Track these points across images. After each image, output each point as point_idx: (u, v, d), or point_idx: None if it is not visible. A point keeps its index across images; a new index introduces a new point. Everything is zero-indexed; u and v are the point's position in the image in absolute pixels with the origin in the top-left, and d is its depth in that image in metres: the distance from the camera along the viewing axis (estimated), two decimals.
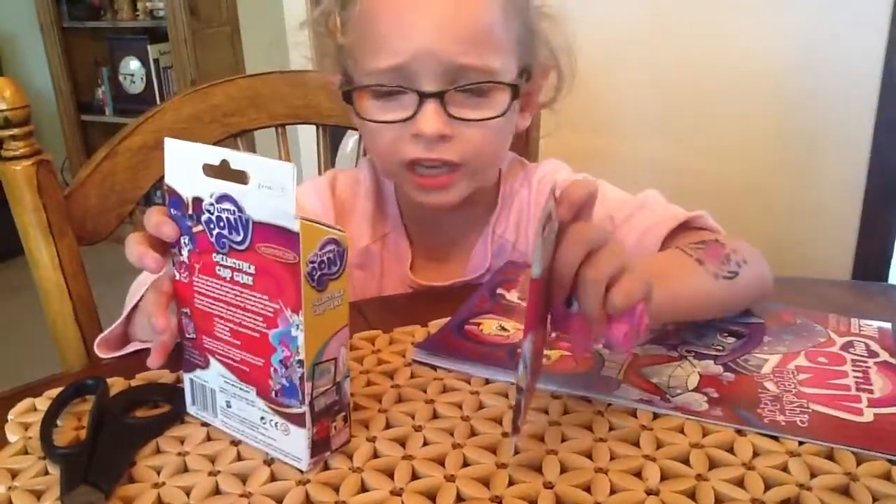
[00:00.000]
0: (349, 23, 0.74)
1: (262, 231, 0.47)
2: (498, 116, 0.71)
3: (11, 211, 0.81)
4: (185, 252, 0.52)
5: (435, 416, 0.56)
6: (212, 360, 0.53)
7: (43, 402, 0.59)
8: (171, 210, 0.52)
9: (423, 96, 0.69)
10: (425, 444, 0.53)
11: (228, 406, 0.54)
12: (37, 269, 0.82)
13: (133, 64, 3.12)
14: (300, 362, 0.48)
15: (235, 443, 0.54)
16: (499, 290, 0.74)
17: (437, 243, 0.84)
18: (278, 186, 0.45)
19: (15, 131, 0.79)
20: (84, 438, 0.54)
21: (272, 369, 0.49)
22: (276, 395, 0.50)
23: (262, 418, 0.51)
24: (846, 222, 1.76)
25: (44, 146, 0.82)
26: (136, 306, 0.67)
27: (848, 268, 1.78)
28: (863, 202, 1.75)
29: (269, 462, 0.52)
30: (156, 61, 3.06)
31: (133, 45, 3.10)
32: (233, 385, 0.53)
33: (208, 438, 0.55)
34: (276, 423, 0.51)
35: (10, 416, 0.58)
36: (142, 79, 3.12)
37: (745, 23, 1.72)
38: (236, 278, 0.49)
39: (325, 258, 0.47)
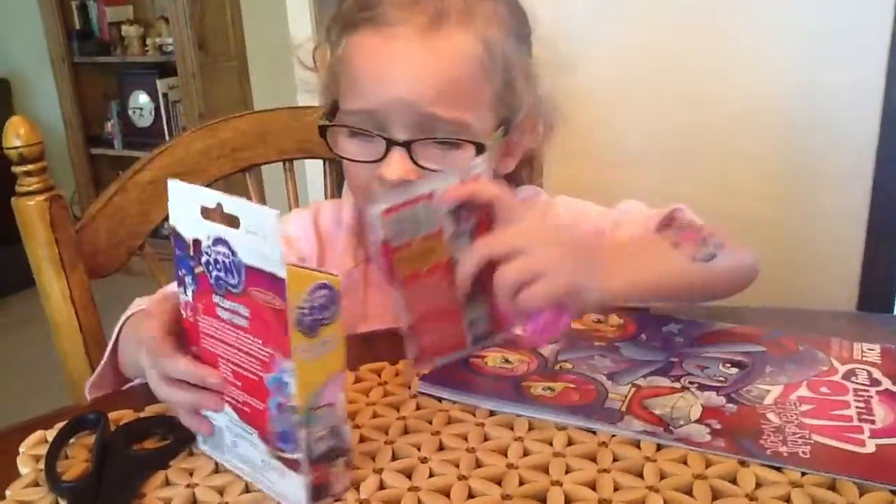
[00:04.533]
0: (335, 60, 0.77)
1: (253, 275, 0.47)
2: None
3: (24, 245, 0.83)
4: (189, 292, 0.53)
5: (441, 447, 0.57)
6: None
7: (54, 435, 0.60)
8: (176, 250, 0.52)
9: (390, 143, 0.71)
10: (431, 475, 0.53)
11: (235, 445, 0.54)
12: (48, 302, 0.84)
13: (142, 98, 3.16)
14: (293, 409, 0.47)
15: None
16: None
17: None
18: (263, 232, 0.45)
19: (29, 167, 0.80)
20: (89, 471, 0.54)
21: (270, 413, 0.49)
22: (273, 439, 0.50)
23: (263, 461, 0.51)
24: (850, 253, 1.76)
25: (53, 179, 0.83)
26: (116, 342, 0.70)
27: (853, 299, 1.78)
28: (866, 233, 1.75)
29: None
30: (164, 95, 3.10)
31: (142, 80, 3.14)
32: (237, 426, 0.53)
33: (217, 470, 0.55)
34: (275, 466, 0.50)
35: (21, 449, 0.59)
36: (150, 112, 3.16)
37: (747, 56, 1.74)
38: (234, 321, 0.49)
39: (315, 303, 0.47)
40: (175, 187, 0.51)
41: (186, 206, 0.50)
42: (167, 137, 3.03)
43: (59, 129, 3.22)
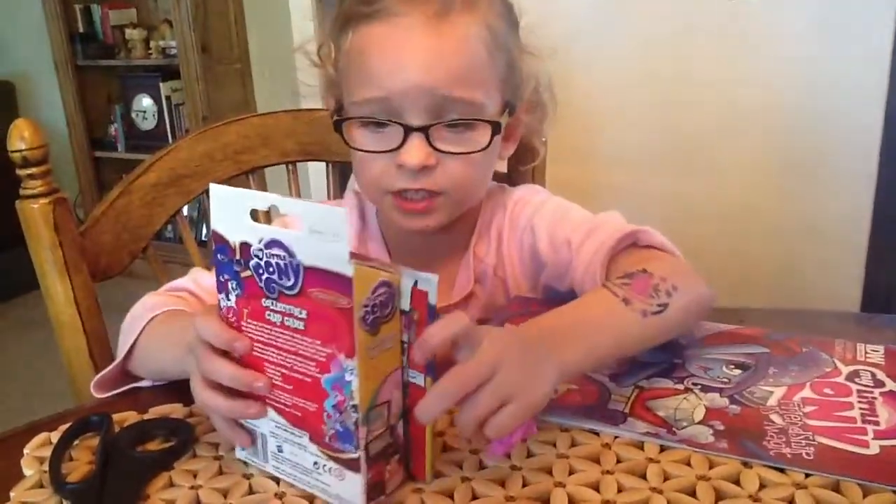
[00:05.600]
0: (340, 55, 0.77)
1: (313, 276, 0.46)
2: (480, 151, 0.74)
3: (28, 248, 0.83)
4: (232, 297, 0.51)
5: (445, 449, 0.57)
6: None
7: (58, 437, 0.60)
8: (218, 255, 0.51)
9: (408, 130, 0.72)
10: (435, 476, 0.53)
11: (280, 451, 0.53)
12: (52, 304, 0.84)
13: (145, 101, 3.17)
14: (355, 407, 0.47)
15: (247, 476, 0.55)
16: (507, 325, 0.75)
17: (420, 265, 0.85)
18: (331, 232, 0.45)
19: (33, 170, 0.81)
20: (93, 473, 0.54)
21: (325, 414, 0.49)
22: (329, 440, 0.49)
23: (316, 463, 0.51)
24: (854, 251, 1.76)
25: (57, 182, 0.84)
26: (133, 345, 0.69)
27: (857, 298, 1.78)
28: (870, 230, 1.75)
29: (280, 496, 0.53)
30: (168, 98, 3.11)
31: (145, 83, 3.15)
32: (284, 430, 0.52)
33: (220, 472, 0.56)
34: (331, 468, 0.50)
35: (25, 451, 0.59)
36: (154, 115, 3.17)
37: (749, 57, 1.74)
38: (287, 323, 0.49)
39: (377, 301, 0.46)
40: (218, 191, 0.50)
41: (232, 210, 0.49)
42: (170, 140, 3.04)
43: (62, 132, 3.23)
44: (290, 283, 0.48)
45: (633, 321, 0.62)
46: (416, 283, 0.48)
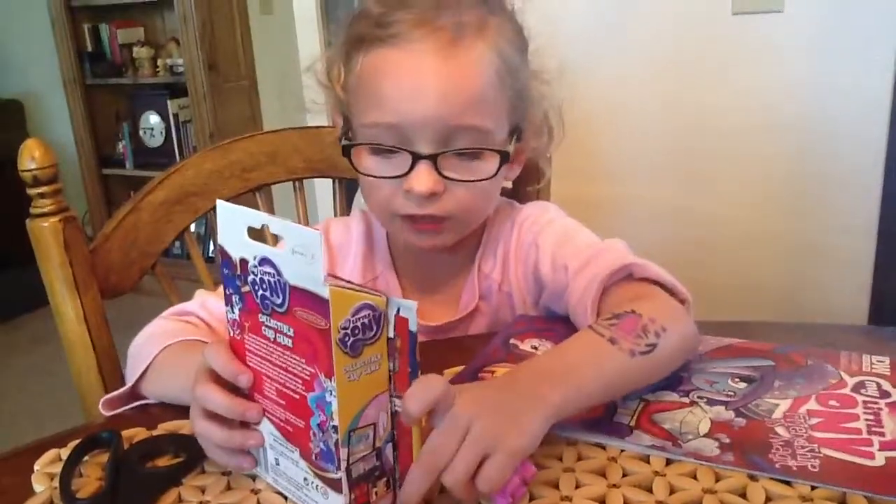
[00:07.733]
0: (350, 76, 0.77)
1: (297, 296, 0.47)
2: (488, 179, 0.75)
3: (38, 266, 0.84)
4: (236, 310, 0.53)
5: None
6: (262, 417, 0.54)
7: (68, 453, 0.60)
8: (224, 269, 0.52)
9: (416, 157, 0.72)
10: (442, 491, 0.54)
11: (277, 463, 0.54)
12: (62, 322, 0.85)
13: (153, 118, 3.19)
14: (335, 428, 0.47)
15: (255, 491, 0.55)
16: (512, 341, 0.75)
17: (427, 282, 0.87)
18: (308, 253, 0.45)
19: (43, 189, 0.82)
20: (103, 489, 0.55)
21: (311, 432, 0.49)
22: (316, 459, 0.50)
23: (306, 479, 0.51)
24: (860, 265, 1.76)
25: (66, 198, 0.85)
26: (147, 368, 0.70)
27: (864, 311, 1.78)
28: (876, 244, 1.75)
29: None
30: (175, 116, 3.13)
31: (153, 100, 3.17)
32: (280, 444, 0.53)
33: (229, 487, 0.56)
34: (317, 485, 0.50)
35: (36, 467, 0.60)
36: (161, 133, 3.19)
37: (755, 68, 1.74)
38: (279, 340, 0.50)
39: (358, 323, 0.47)
40: (223, 207, 0.52)
41: (234, 226, 0.51)
42: (178, 157, 3.06)
43: (71, 150, 3.25)
44: (279, 301, 0.49)
45: (620, 360, 0.61)
46: (398, 310, 0.48)
